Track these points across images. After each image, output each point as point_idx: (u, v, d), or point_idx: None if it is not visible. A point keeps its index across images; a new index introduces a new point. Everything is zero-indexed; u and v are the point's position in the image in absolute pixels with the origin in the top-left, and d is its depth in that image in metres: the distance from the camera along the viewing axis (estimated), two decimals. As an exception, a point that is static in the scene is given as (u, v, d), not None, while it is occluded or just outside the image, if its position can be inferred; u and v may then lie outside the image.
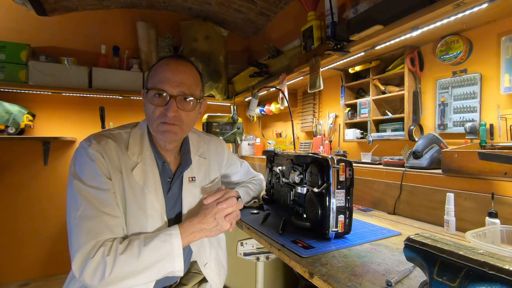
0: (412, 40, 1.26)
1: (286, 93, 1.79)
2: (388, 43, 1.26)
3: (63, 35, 2.42)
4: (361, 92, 1.71)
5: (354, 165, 0.87)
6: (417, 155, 1.18)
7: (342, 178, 0.84)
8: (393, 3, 1.12)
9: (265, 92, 2.29)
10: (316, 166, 0.90)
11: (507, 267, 0.38)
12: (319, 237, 0.88)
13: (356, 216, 1.17)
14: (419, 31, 1.11)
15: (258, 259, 1.35)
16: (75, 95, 2.42)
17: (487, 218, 0.85)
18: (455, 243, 0.48)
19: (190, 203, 0.96)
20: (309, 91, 1.62)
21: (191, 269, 1.04)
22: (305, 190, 0.97)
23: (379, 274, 0.65)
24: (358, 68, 1.60)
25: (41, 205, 2.34)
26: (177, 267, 0.77)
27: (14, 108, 2.08)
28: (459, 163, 0.99)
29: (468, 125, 1.12)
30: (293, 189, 1.08)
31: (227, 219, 0.87)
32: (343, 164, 0.85)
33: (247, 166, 1.36)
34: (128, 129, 0.92)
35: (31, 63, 2.11)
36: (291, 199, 1.10)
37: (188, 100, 0.86)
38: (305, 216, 0.96)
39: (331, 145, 1.84)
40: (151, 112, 0.85)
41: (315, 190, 0.87)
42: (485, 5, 0.91)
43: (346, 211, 0.85)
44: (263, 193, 1.44)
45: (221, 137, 2.24)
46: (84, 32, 2.49)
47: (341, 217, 0.84)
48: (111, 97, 2.53)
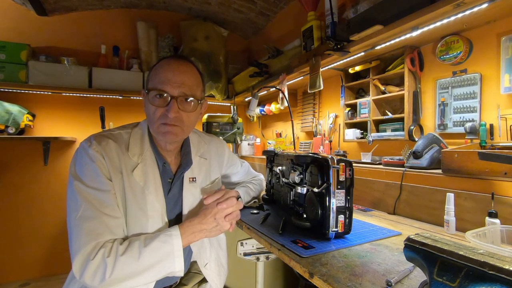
0: (412, 40, 1.26)
1: (286, 93, 1.79)
2: (388, 43, 1.26)
3: (63, 35, 2.42)
4: (361, 92, 1.71)
5: (354, 165, 0.87)
6: (417, 155, 1.18)
7: (342, 178, 0.84)
8: (393, 3, 1.12)
9: (265, 92, 2.29)
10: (316, 166, 0.90)
11: (507, 267, 0.38)
12: (319, 237, 0.88)
13: (356, 216, 1.17)
14: (419, 31, 1.11)
15: (258, 259, 1.35)
16: (75, 95, 2.42)
17: (487, 218, 0.85)
18: (455, 243, 0.48)
19: (190, 203, 0.96)
20: (309, 91, 1.62)
21: (191, 269, 1.04)
22: (305, 190, 0.97)
23: (379, 274, 0.65)
24: (358, 68, 1.60)
25: (41, 205, 2.34)
26: (178, 268, 0.78)
27: (14, 108, 2.08)
28: (459, 163, 0.99)
29: (468, 125, 1.12)
30: (293, 189, 1.08)
31: (227, 219, 0.87)
32: (343, 164, 0.85)
33: (248, 166, 1.36)
34: (128, 130, 0.92)
35: (31, 63, 2.11)
36: (291, 199, 1.10)
37: (189, 101, 0.86)
38: (305, 216, 0.96)
39: (331, 145, 1.84)
40: (152, 112, 0.84)
41: (315, 190, 0.87)
42: (485, 5, 0.91)
43: (346, 211, 0.85)
44: (263, 193, 1.44)
45: (221, 137, 2.24)
46: (84, 32, 2.49)
47: (341, 217, 0.85)
48: (111, 97, 2.53)
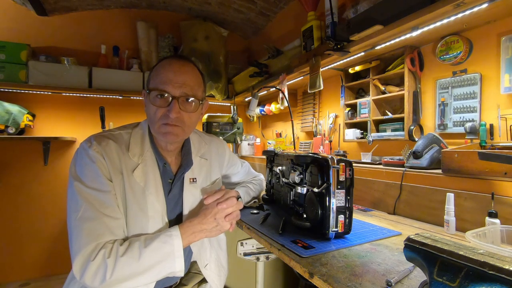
0: (412, 40, 1.26)
1: (286, 93, 1.79)
2: (388, 43, 1.26)
3: (63, 35, 2.42)
4: (361, 92, 1.71)
5: (354, 165, 0.87)
6: (417, 155, 1.18)
7: (342, 178, 0.84)
8: (393, 3, 1.12)
9: (265, 92, 2.29)
10: (316, 166, 0.90)
11: (507, 267, 0.38)
12: (319, 237, 0.88)
13: (356, 216, 1.17)
14: (419, 31, 1.11)
15: (258, 259, 1.35)
16: (75, 95, 2.42)
17: (487, 218, 0.85)
18: (455, 243, 0.48)
19: (191, 204, 0.96)
20: (309, 91, 1.62)
21: (191, 269, 1.04)
22: (305, 190, 0.97)
23: (379, 274, 0.65)
24: (358, 68, 1.60)
25: (41, 205, 2.34)
26: (178, 268, 0.78)
27: (14, 108, 2.08)
28: (459, 163, 0.99)
29: (468, 125, 1.12)
30: (293, 189, 1.08)
31: (227, 219, 0.87)
32: (343, 164, 0.85)
33: (248, 166, 1.36)
34: (129, 130, 0.92)
35: (31, 63, 2.11)
36: (291, 199, 1.10)
37: (190, 101, 0.86)
38: (305, 216, 0.96)
39: (331, 145, 1.84)
40: (153, 113, 0.84)
41: (315, 190, 0.87)
42: (485, 5, 0.91)
43: (346, 211, 0.85)
44: (263, 193, 1.44)
45: (221, 137, 2.24)
46: (84, 32, 2.49)
47: (341, 217, 0.85)
48: (111, 97, 2.53)
